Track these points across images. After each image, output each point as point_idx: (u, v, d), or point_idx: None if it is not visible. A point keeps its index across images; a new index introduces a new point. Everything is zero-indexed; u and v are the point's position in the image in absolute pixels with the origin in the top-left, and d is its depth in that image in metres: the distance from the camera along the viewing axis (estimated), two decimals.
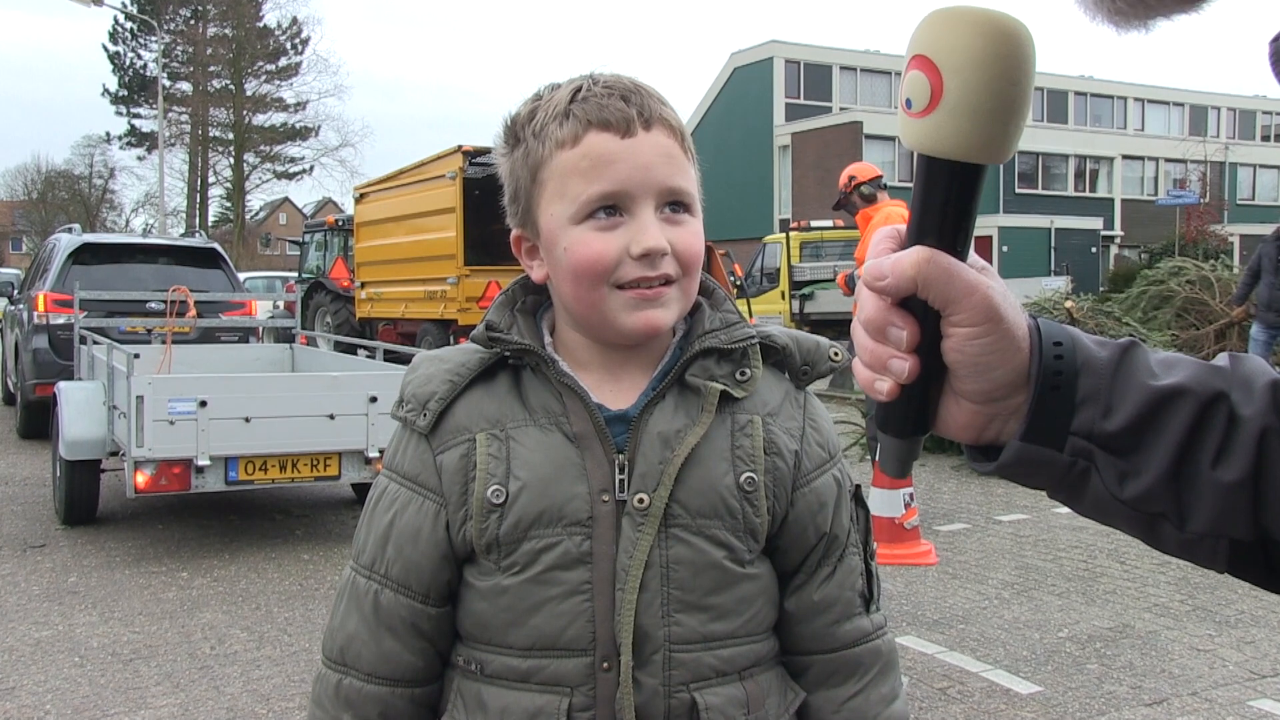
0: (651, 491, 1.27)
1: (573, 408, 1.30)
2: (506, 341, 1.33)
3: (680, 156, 1.30)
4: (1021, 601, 5.85)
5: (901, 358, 0.83)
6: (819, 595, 1.36)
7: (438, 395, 1.33)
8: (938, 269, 0.81)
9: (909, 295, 0.82)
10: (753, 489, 1.30)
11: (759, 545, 1.32)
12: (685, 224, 1.29)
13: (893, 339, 0.83)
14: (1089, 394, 0.83)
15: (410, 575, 1.34)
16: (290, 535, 7.58)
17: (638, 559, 1.26)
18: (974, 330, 0.82)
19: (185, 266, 12.25)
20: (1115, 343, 0.87)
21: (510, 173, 1.34)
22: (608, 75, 1.32)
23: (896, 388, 0.84)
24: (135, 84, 53.01)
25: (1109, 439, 0.83)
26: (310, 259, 21.29)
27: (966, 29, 0.76)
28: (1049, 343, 0.84)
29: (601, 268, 1.25)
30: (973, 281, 0.81)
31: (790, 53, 43.01)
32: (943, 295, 0.81)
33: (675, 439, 1.29)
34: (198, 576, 6.44)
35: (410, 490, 1.34)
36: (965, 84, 0.76)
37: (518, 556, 1.28)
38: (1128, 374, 0.84)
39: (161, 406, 6.35)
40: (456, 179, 14.25)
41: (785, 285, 19.81)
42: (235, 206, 53.45)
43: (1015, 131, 0.78)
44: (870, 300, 0.85)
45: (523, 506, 1.27)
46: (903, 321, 0.83)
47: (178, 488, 6.49)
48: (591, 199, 1.25)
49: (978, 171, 0.80)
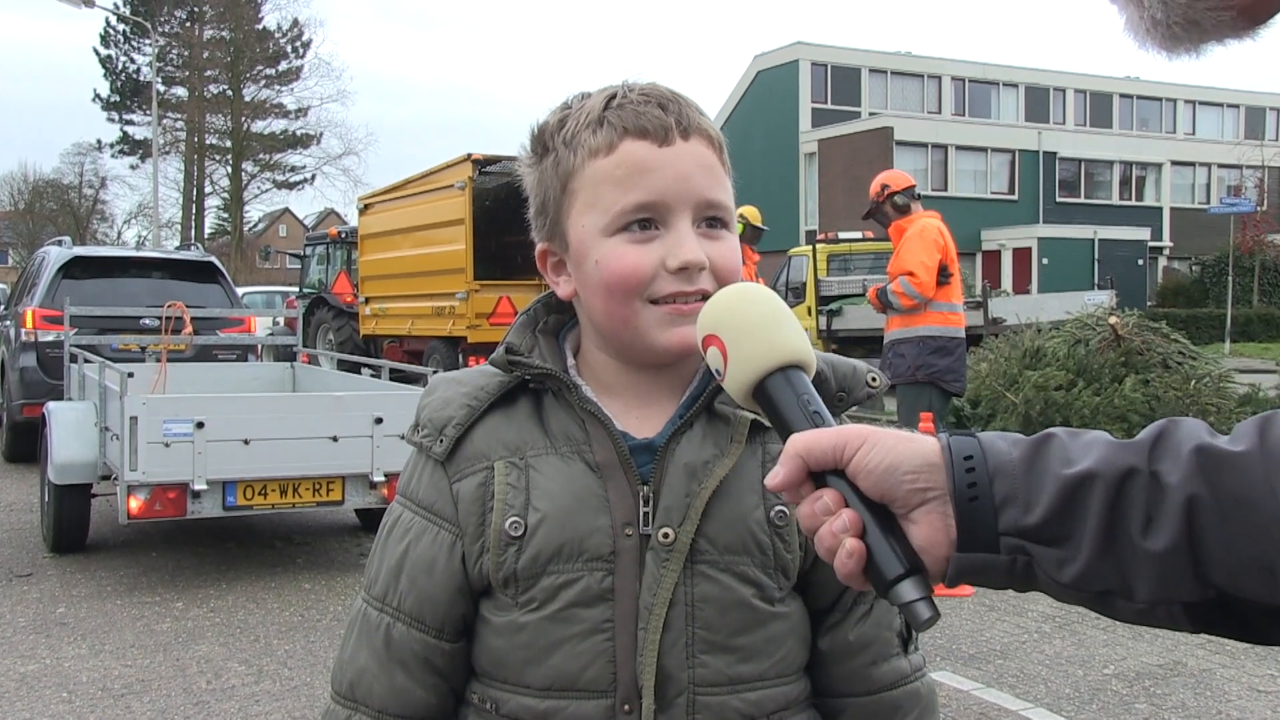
0: (677, 526, 1.27)
1: (596, 435, 1.31)
2: (527, 365, 1.34)
3: (719, 169, 1.31)
4: (1064, 635, 5.82)
5: (838, 517, 0.95)
6: (854, 635, 1.36)
7: (455, 420, 1.34)
8: (803, 441, 0.97)
9: (805, 477, 0.98)
10: (784, 523, 1.31)
11: (790, 582, 1.33)
12: (723, 239, 1.30)
13: (822, 510, 0.96)
14: (1007, 495, 0.93)
15: (424, 608, 1.34)
16: (291, 564, 7.60)
17: (662, 597, 1.26)
18: (862, 449, 0.95)
19: (181, 281, 12.33)
20: (1029, 439, 0.97)
21: (538, 183, 1.35)
22: (643, 83, 1.33)
23: (859, 544, 0.94)
24: (128, 89, 53.41)
25: (1036, 531, 0.92)
26: (312, 273, 21.40)
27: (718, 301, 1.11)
28: (959, 458, 0.95)
29: (636, 281, 1.26)
30: (838, 429, 0.98)
31: (817, 54, 43.06)
32: (821, 452, 0.96)
33: (703, 470, 1.29)
34: (193, 607, 6.46)
35: (425, 519, 1.35)
36: (734, 329, 1.07)
37: (536, 592, 1.29)
38: (1040, 469, 0.94)
39: (156, 428, 6.38)
40: (466, 189, 14.31)
41: (811, 301, 19.79)
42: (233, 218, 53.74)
43: (788, 331, 1.07)
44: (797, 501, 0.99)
45: (542, 539, 1.28)
46: (819, 492, 0.97)
47: (173, 513, 6.51)
48: (626, 209, 1.26)
49: (785, 375, 1.05)
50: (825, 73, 43.14)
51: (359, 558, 7.71)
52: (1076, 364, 9.73)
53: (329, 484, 6.87)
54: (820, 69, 43.08)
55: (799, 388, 1.04)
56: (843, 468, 0.96)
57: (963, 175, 39.83)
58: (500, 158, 14.12)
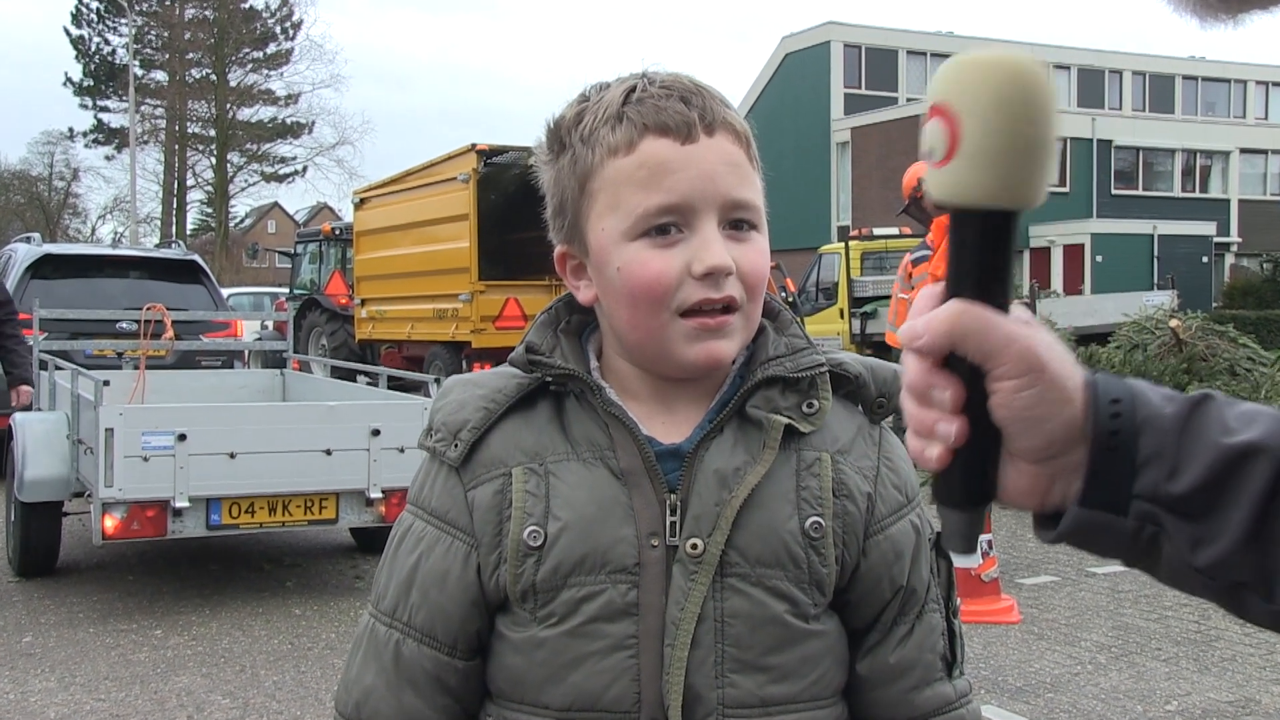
0: (706, 536, 1.29)
1: (620, 441, 1.33)
2: (548, 365, 1.37)
3: (746, 165, 1.33)
4: (1120, 667, 5.81)
5: (948, 420, 0.88)
6: (895, 657, 1.38)
7: (471, 424, 1.36)
8: (973, 321, 0.87)
9: (949, 353, 0.88)
10: (819, 535, 1.33)
11: (825, 599, 1.34)
12: (751, 241, 1.32)
13: (937, 401, 0.89)
14: (1152, 454, 0.88)
15: (436, 623, 1.37)
16: (280, 587, 7.63)
17: (689, 611, 1.28)
18: (1017, 382, 0.87)
19: (161, 281, 12.37)
20: (1186, 397, 0.91)
21: (555, 182, 1.38)
22: (664, 74, 1.35)
23: (947, 454, 0.89)
24: (103, 73, 53.62)
25: (1177, 502, 0.87)
26: (303, 273, 21.46)
27: (978, 73, 0.85)
28: (1105, 400, 0.89)
29: (661, 290, 1.28)
30: (1012, 332, 0.87)
31: (850, 35, 43.10)
32: (981, 348, 0.87)
33: (734, 478, 1.31)
34: (173, 635, 6.49)
35: (438, 529, 1.38)
36: (982, 127, 0.84)
37: (556, 606, 1.31)
38: (1197, 431, 0.88)
39: (134, 440, 6.40)
40: (470, 181, 14.33)
41: (844, 302, 19.80)
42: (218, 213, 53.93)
43: (1040, 173, 0.86)
44: (912, 363, 0.90)
45: (563, 550, 1.30)
46: (945, 382, 0.89)
47: (152, 533, 6.53)
48: (649, 212, 1.29)
49: (1006, 219, 0.87)
50: (859, 55, 43.17)
51: (354, 580, 7.74)
52: (1133, 371, 9.70)
53: (322, 501, 6.90)
54: (854, 50, 43.11)
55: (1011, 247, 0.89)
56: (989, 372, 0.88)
57: None
58: (508, 148, 14.15)
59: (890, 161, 35.73)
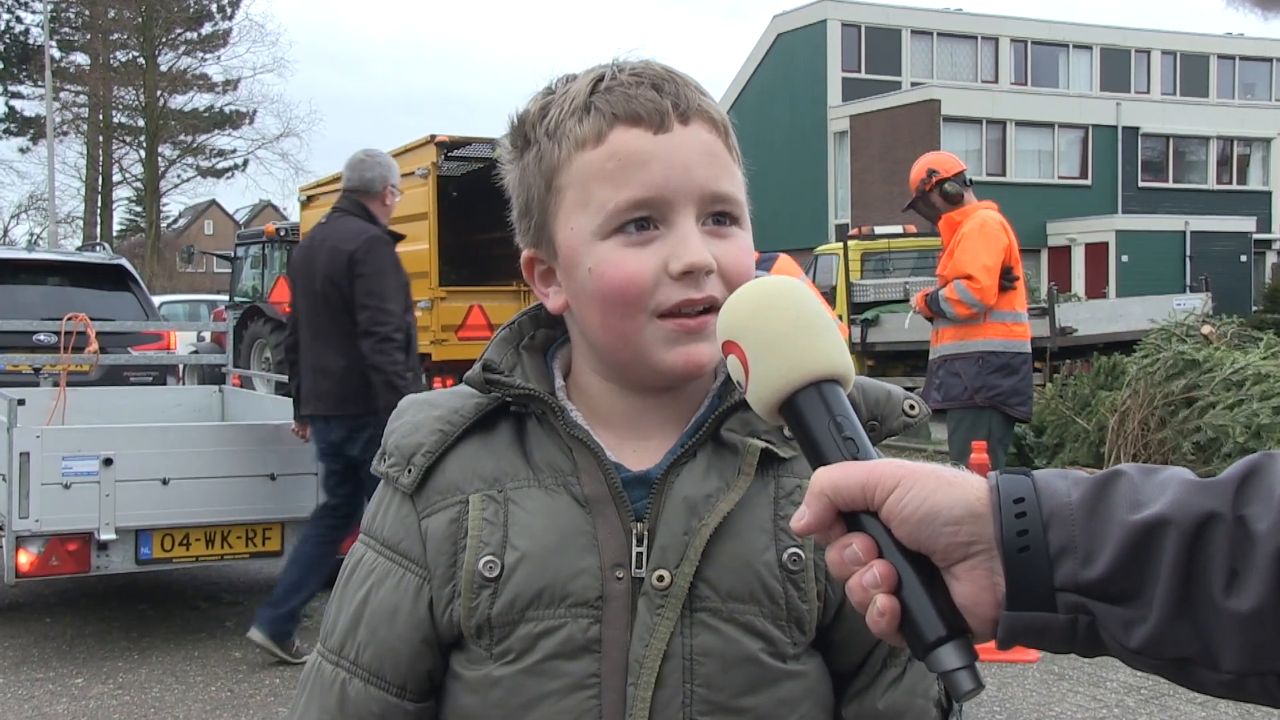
0: (674, 568, 1.31)
1: (585, 466, 1.36)
2: (507, 385, 1.39)
3: (724, 155, 1.36)
4: (1151, 710, 5.84)
5: (869, 566, 0.99)
6: (884, 703, 1.39)
7: (425, 448, 1.38)
8: (829, 477, 1.01)
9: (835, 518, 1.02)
10: (798, 568, 1.35)
11: (806, 637, 1.36)
12: (733, 237, 1.35)
13: (854, 559, 1.00)
14: (1064, 545, 0.95)
15: (384, 662, 1.38)
16: (219, 628, 7.61)
17: (655, 648, 1.30)
18: (896, 494, 0.98)
19: (83, 288, 12.33)
20: (1093, 478, 0.98)
21: (520, 181, 1.40)
22: (634, 61, 1.37)
23: (891, 601, 0.98)
24: (14, 55, 53.22)
25: (1097, 587, 0.94)
26: (245, 278, 21.41)
27: (738, 299, 1.13)
28: (1008, 501, 0.97)
29: (636, 291, 1.31)
30: (869, 464, 1.01)
31: (848, 13, 43.10)
32: (851, 492, 1.00)
33: (704, 505, 1.33)
34: (96, 684, 6.46)
35: (389, 560, 1.40)
36: (756, 334, 1.09)
37: (513, 642, 1.33)
38: (1105, 513, 0.95)
39: (54, 466, 6.38)
40: (429, 177, 14.31)
41: (843, 308, 19.81)
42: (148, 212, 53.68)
43: (821, 341, 1.08)
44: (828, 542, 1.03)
45: (520, 581, 1.32)
46: (850, 538, 1.01)
47: (73, 569, 6.51)
48: (620, 208, 1.31)
49: (818, 389, 1.08)
50: (858, 35, 43.21)
51: (302, 619, 7.72)
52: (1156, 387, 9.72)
53: (265, 531, 6.90)
54: (852, 30, 43.13)
55: (834, 407, 1.07)
56: (874, 510, 1.00)
57: (1024, 156, 39.91)
58: (470, 139, 14.13)
59: (893, 152, 35.83)
